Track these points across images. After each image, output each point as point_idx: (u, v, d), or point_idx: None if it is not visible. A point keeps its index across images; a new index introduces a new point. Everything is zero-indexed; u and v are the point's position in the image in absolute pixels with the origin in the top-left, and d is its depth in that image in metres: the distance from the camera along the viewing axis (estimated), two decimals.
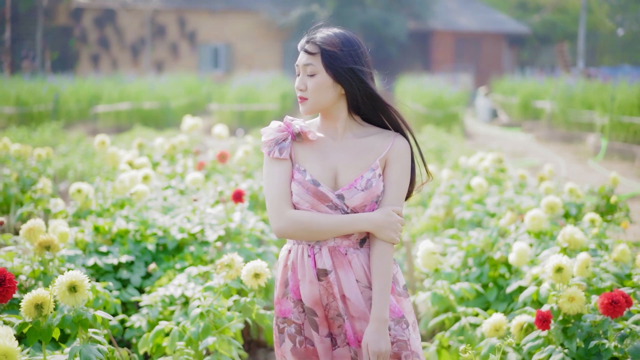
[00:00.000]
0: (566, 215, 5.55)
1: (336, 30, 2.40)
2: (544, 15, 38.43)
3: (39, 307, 2.59)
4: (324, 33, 2.39)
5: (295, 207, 2.38)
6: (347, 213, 2.38)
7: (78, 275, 2.63)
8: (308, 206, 2.37)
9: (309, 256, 2.40)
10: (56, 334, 2.73)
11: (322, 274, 2.39)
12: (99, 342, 2.66)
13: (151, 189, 5.27)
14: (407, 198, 2.53)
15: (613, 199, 5.66)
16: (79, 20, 33.31)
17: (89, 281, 3.05)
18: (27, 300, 2.59)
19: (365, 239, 2.42)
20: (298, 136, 2.42)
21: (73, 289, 2.60)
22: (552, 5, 38.54)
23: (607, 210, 5.80)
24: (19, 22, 31.61)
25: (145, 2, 32.72)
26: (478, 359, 3.40)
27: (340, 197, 2.37)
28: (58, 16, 33.32)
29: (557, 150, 15.61)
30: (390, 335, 2.39)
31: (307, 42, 2.38)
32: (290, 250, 2.46)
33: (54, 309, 2.74)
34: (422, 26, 34.14)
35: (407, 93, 22.38)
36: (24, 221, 6.31)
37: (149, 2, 32.77)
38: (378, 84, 2.51)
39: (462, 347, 2.47)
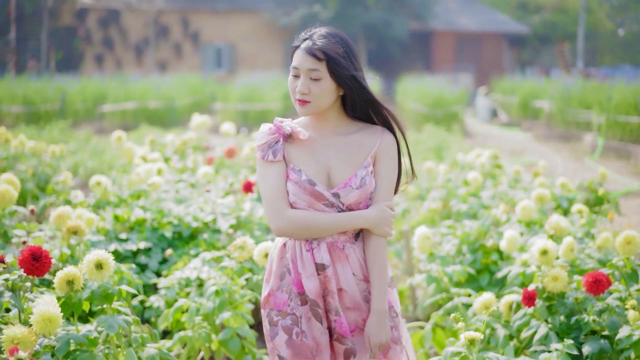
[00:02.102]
0: (558, 208, 5.86)
1: (332, 32, 2.46)
2: (544, 15, 38.70)
3: (70, 283, 2.88)
4: (324, 37, 2.44)
5: (292, 206, 2.45)
6: (343, 210, 2.46)
7: (104, 254, 2.91)
8: (305, 205, 2.44)
9: (307, 251, 2.47)
10: (86, 307, 3.04)
11: (320, 269, 2.46)
12: (125, 314, 2.96)
13: (165, 182, 5.59)
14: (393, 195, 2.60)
15: (600, 192, 5.96)
16: (84, 20, 33.64)
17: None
18: (59, 277, 2.88)
19: (359, 233, 2.51)
20: (289, 137, 2.49)
21: (99, 266, 2.89)
22: (552, 6, 38.81)
23: (596, 202, 6.11)
24: (23, 23, 31.94)
25: (149, 2, 33.04)
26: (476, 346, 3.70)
27: (336, 195, 2.45)
28: (62, 16, 33.65)
29: (555, 149, 15.90)
30: None
31: (312, 46, 2.42)
32: (285, 244, 2.52)
33: (82, 288, 3.04)
34: (423, 27, 34.42)
35: (408, 93, 22.67)
36: (40, 214, 6.65)
37: (152, 2, 33.08)
38: (376, 85, 2.68)
39: (452, 315, 2.78)
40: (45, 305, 2.34)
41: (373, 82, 2.64)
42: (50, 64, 31.88)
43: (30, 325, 2.53)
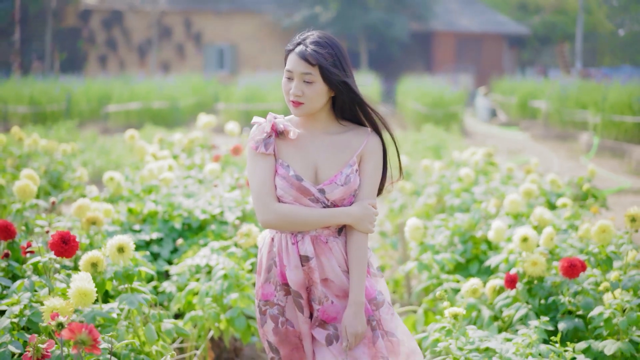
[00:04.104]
0: (548, 203, 6.17)
1: (323, 37, 2.58)
2: (544, 16, 39.00)
3: (94, 265, 3.21)
4: (317, 43, 2.56)
5: (279, 200, 2.58)
6: (328, 206, 2.59)
7: (125, 238, 3.25)
8: (291, 199, 2.56)
9: (292, 244, 2.59)
10: (108, 286, 3.37)
11: (304, 260, 2.59)
12: (144, 292, 3.29)
13: (175, 178, 5.92)
14: (378, 194, 2.72)
15: (585, 187, 6.29)
16: (87, 21, 34.02)
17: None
18: (84, 259, 3.21)
19: (342, 228, 2.63)
20: (281, 134, 2.61)
21: (121, 249, 3.23)
22: (551, 7, 39.12)
23: (583, 198, 6.44)
24: (28, 24, 32.31)
25: (152, 3, 33.40)
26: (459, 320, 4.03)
27: (322, 191, 2.57)
28: (66, 18, 34.04)
29: (552, 148, 16.22)
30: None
31: (305, 51, 2.55)
32: (273, 238, 2.65)
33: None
34: (423, 27, 34.74)
35: (408, 93, 22.99)
36: (52, 209, 6.97)
37: (155, 3, 33.45)
38: (377, 85, 2.79)
39: (438, 292, 3.10)
40: (81, 281, 2.66)
41: (373, 83, 2.81)
42: (55, 64, 32.23)
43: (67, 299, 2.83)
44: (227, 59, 34.59)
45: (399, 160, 2.73)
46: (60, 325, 2.25)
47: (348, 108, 2.64)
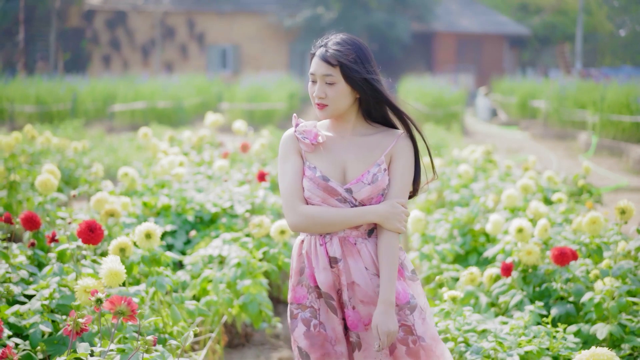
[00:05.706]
0: (544, 199, 6.41)
1: (346, 38, 2.57)
2: (544, 17, 39.23)
3: (122, 250, 3.47)
4: (338, 43, 2.55)
5: (307, 202, 2.56)
6: (356, 205, 2.55)
7: (152, 226, 3.51)
8: (319, 200, 2.54)
9: (321, 245, 2.57)
10: (135, 270, 3.62)
11: (333, 262, 2.56)
12: (168, 276, 3.54)
13: (185, 173, 6.18)
14: (413, 196, 2.70)
15: (580, 183, 6.53)
16: (91, 22, 34.27)
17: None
18: (113, 245, 3.47)
19: (373, 230, 2.58)
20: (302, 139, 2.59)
21: (148, 235, 3.49)
22: (551, 7, 39.35)
23: (578, 193, 6.68)
24: (32, 24, 32.56)
25: (156, 4, 33.65)
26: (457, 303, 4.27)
27: (349, 190, 2.54)
28: (70, 18, 34.29)
29: (551, 147, 16.45)
30: None
31: (325, 53, 2.54)
32: (303, 241, 2.63)
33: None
34: (424, 28, 34.99)
35: (409, 93, 23.23)
36: (67, 202, 7.23)
37: (159, 4, 33.71)
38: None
39: (437, 278, 3.34)
40: (111, 263, 2.90)
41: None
42: (59, 64, 32.48)
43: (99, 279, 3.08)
44: (230, 59, 34.83)
45: (431, 159, 2.71)
46: (99, 301, 2.48)
47: (374, 108, 2.62)
